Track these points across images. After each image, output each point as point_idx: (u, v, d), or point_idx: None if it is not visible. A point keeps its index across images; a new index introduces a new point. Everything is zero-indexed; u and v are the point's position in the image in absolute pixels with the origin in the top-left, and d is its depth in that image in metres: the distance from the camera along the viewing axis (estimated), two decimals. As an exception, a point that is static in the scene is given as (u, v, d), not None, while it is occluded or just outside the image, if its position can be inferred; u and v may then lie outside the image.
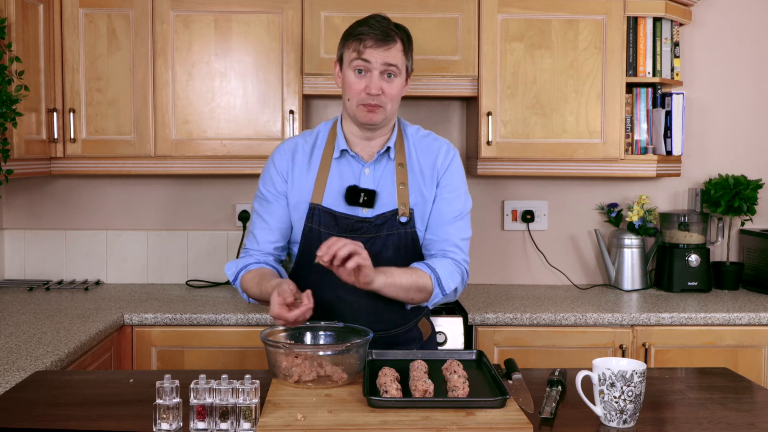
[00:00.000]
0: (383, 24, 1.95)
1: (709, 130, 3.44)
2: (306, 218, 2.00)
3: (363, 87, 1.94)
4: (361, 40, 1.93)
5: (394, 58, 1.94)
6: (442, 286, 1.95)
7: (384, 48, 1.93)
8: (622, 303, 3.00)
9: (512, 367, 1.84)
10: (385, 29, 1.94)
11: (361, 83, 1.95)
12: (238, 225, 3.35)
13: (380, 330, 1.97)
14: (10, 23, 2.59)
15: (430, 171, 2.03)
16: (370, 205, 1.98)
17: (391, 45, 1.94)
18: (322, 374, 1.65)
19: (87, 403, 1.65)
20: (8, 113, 2.52)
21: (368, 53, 1.92)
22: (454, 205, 2.04)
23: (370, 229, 1.97)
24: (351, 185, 1.99)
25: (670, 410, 1.63)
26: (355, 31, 1.96)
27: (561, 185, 3.41)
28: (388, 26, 1.95)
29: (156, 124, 2.98)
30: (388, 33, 1.94)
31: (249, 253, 2.07)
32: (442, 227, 2.02)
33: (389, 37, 1.93)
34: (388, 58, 1.93)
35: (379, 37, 1.92)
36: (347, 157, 2.03)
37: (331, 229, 1.96)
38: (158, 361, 2.74)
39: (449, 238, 2.02)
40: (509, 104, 3.02)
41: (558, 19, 3.01)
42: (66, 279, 3.35)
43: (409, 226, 1.99)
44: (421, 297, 1.96)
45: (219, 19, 2.97)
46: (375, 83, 1.93)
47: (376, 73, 1.93)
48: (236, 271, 2.04)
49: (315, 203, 1.99)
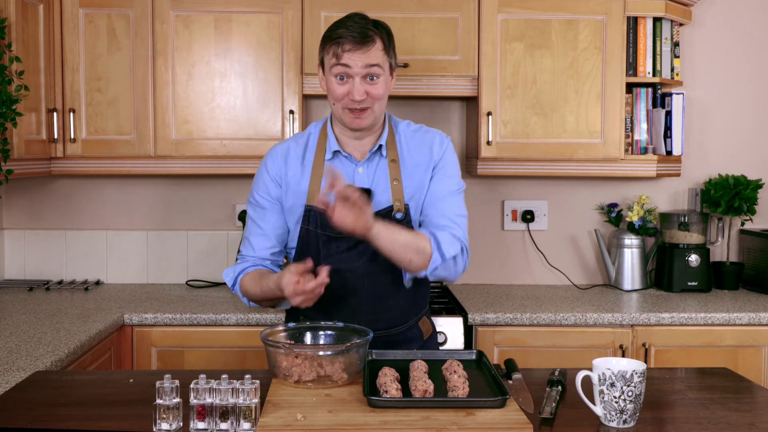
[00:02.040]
0: (361, 24, 1.91)
1: (709, 130, 3.44)
2: (302, 221, 1.99)
3: (346, 92, 1.91)
4: (339, 44, 1.89)
5: (374, 58, 1.90)
6: (442, 250, 1.90)
7: (363, 50, 1.89)
8: (622, 303, 3.00)
9: (512, 367, 1.84)
10: (362, 30, 1.89)
11: (343, 89, 1.92)
12: (237, 225, 3.35)
13: (380, 329, 1.96)
14: (10, 23, 2.59)
15: (426, 163, 2.01)
16: None
17: (370, 46, 1.90)
18: (322, 374, 1.65)
19: (87, 403, 1.65)
20: (8, 113, 2.52)
21: (347, 57, 1.88)
22: (447, 184, 2.01)
23: None
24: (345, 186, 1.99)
25: (670, 410, 1.63)
26: (334, 34, 1.91)
27: (561, 185, 3.41)
28: (365, 26, 1.91)
29: (156, 124, 2.98)
30: (366, 34, 1.89)
31: (245, 259, 2.05)
32: (436, 203, 1.99)
33: (367, 38, 1.89)
34: (369, 59, 1.89)
35: (357, 40, 1.88)
36: (340, 157, 2.01)
37: (327, 230, 1.94)
38: (158, 361, 2.74)
39: (445, 213, 1.97)
40: (509, 104, 3.02)
41: (558, 19, 3.01)
42: (66, 279, 3.35)
43: (405, 221, 1.98)
44: (419, 260, 1.89)
45: (219, 19, 2.97)
46: (358, 89, 1.90)
47: (357, 78, 1.90)
48: (234, 276, 2.03)
49: (310, 205, 1.97)
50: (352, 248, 1.96)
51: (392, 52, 1.98)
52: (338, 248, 1.96)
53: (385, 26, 1.97)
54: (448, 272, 1.96)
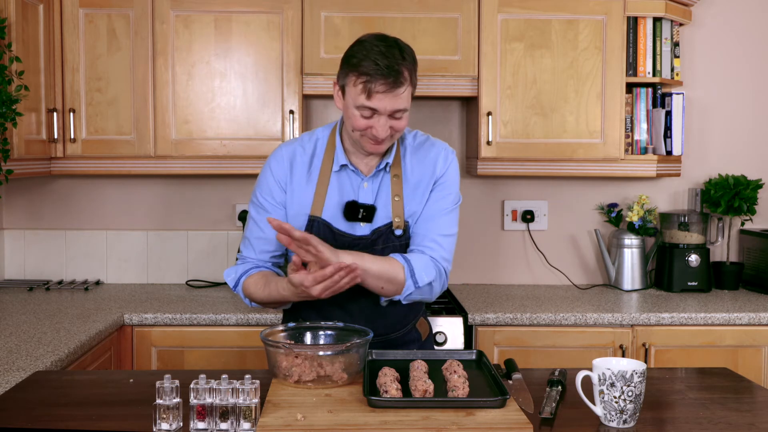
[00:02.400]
0: (390, 61, 1.79)
1: (709, 130, 3.44)
2: (305, 229, 1.96)
3: (369, 126, 1.85)
4: (369, 83, 1.79)
5: (403, 103, 1.83)
6: (415, 277, 1.88)
7: (393, 94, 1.80)
8: (622, 303, 3.00)
9: (512, 367, 1.84)
10: (392, 67, 1.79)
11: (367, 122, 1.84)
12: (238, 225, 3.35)
13: (378, 335, 1.97)
14: (10, 23, 2.59)
15: (428, 179, 1.99)
16: (369, 220, 1.95)
17: (400, 89, 1.81)
18: (322, 374, 1.65)
19: (87, 403, 1.65)
20: (8, 113, 2.52)
21: (376, 100, 1.80)
22: (443, 204, 1.99)
23: (366, 246, 1.94)
24: (350, 201, 1.95)
25: (670, 410, 1.63)
26: (361, 67, 1.80)
27: (561, 185, 3.41)
28: (395, 62, 1.79)
29: (156, 124, 2.98)
30: (397, 73, 1.79)
31: (246, 260, 2.04)
32: (427, 222, 1.97)
33: (398, 81, 1.80)
34: (397, 104, 1.82)
35: (389, 82, 1.79)
36: (347, 171, 1.98)
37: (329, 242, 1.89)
38: (158, 361, 2.74)
39: (428, 233, 1.96)
40: (509, 104, 3.02)
41: (558, 19, 3.01)
42: (66, 279, 3.35)
43: (404, 238, 1.97)
44: (391, 288, 1.89)
45: (219, 19, 2.97)
46: (384, 127, 1.84)
47: (384, 118, 1.83)
48: (236, 277, 2.01)
49: (315, 215, 1.96)
50: None
51: (415, 81, 1.89)
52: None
53: (410, 53, 1.87)
54: (422, 296, 1.95)
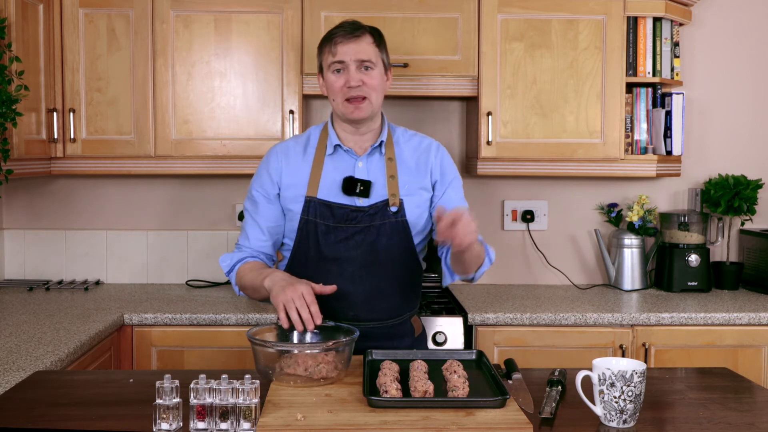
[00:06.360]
0: (351, 24, 2.07)
1: (709, 130, 3.44)
2: (302, 211, 2.06)
3: (343, 83, 2.04)
4: (331, 39, 2.05)
5: (365, 52, 2.03)
6: (490, 255, 2.09)
7: (353, 42, 2.02)
8: (622, 303, 3.00)
9: (512, 367, 1.84)
10: (352, 27, 2.05)
11: (340, 80, 2.04)
12: (238, 225, 3.35)
13: (376, 320, 2.06)
14: (10, 23, 2.59)
15: (423, 165, 2.13)
16: (366, 194, 2.05)
17: (360, 37, 2.03)
18: (310, 372, 1.66)
19: (87, 403, 1.65)
20: (8, 113, 2.52)
21: (339, 50, 2.02)
22: (459, 192, 2.17)
23: (364, 219, 2.04)
24: (347, 176, 2.07)
25: (670, 410, 1.63)
26: (327, 36, 2.08)
27: (561, 185, 3.41)
28: (356, 24, 2.06)
29: (156, 124, 2.98)
30: (355, 28, 2.04)
31: (242, 249, 2.15)
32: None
33: (357, 30, 2.04)
34: (360, 53, 2.02)
35: (347, 32, 2.03)
36: (340, 152, 2.11)
37: (327, 220, 2.04)
38: (158, 361, 2.74)
39: None
40: (509, 104, 3.02)
41: (558, 19, 3.01)
42: (66, 279, 3.35)
43: (400, 215, 2.06)
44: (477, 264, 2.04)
45: (219, 19, 2.97)
46: (353, 76, 2.02)
47: (352, 67, 2.02)
48: (232, 264, 2.13)
49: (310, 196, 2.06)
50: (350, 239, 2.04)
51: (384, 50, 2.10)
52: (336, 238, 2.04)
53: (375, 28, 2.11)
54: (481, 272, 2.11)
